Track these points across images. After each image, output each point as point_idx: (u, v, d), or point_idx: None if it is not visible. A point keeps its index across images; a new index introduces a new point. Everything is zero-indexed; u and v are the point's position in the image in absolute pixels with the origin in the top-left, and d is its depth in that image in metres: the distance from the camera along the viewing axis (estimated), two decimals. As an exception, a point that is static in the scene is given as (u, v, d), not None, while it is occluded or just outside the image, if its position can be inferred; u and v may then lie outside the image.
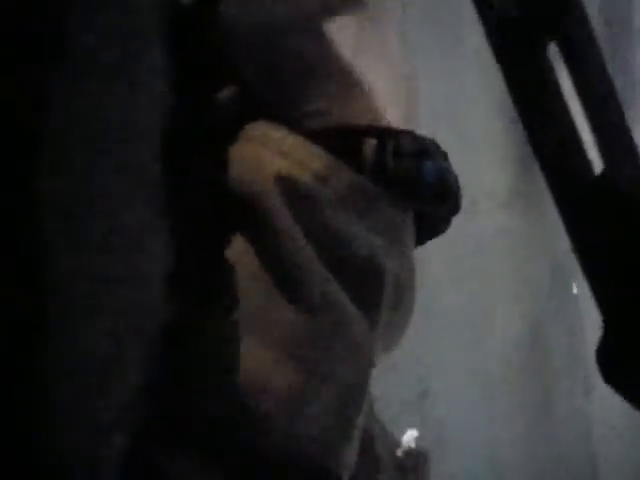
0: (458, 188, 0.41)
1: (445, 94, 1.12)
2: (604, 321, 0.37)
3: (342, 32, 0.40)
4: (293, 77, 0.39)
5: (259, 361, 0.37)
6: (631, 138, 0.38)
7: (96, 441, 0.34)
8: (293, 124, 0.39)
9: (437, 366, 1.20)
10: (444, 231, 0.42)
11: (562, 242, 1.42)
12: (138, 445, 0.34)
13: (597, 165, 0.39)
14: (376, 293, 0.39)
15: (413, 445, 0.47)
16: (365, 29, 0.41)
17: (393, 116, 0.40)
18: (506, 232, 1.31)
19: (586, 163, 0.38)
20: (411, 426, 1.09)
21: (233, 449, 0.36)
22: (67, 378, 0.33)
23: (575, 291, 1.48)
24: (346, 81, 0.39)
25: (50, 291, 0.33)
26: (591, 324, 1.51)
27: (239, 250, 0.38)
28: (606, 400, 1.55)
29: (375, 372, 0.39)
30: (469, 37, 1.13)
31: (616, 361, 0.37)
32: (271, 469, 0.36)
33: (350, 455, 0.38)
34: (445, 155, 0.41)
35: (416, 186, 0.39)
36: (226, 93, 0.41)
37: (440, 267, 1.16)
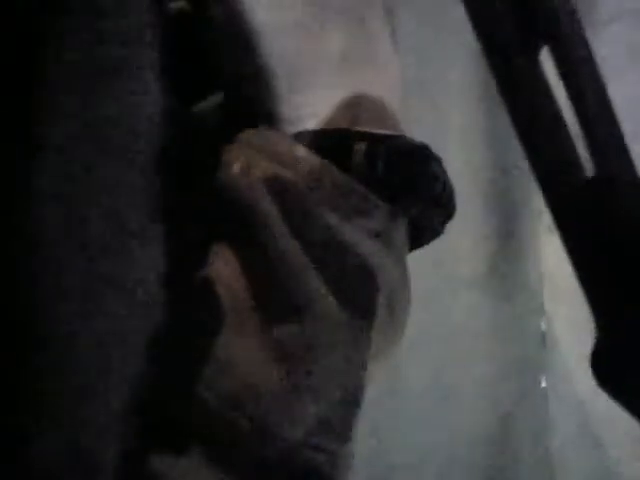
0: (452, 192, 0.41)
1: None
2: (598, 326, 0.36)
3: (332, 35, 0.40)
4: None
5: (252, 363, 0.36)
6: (624, 141, 0.38)
7: (94, 442, 0.33)
8: (283, 127, 0.39)
9: (401, 450, 1.17)
10: (438, 236, 0.42)
11: (531, 332, 1.42)
12: (135, 446, 0.34)
13: (589, 168, 0.38)
14: (368, 297, 0.38)
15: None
16: (355, 32, 0.41)
17: (385, 119, 0.40)
18: (481, 317, 1.31)
19: (578, 166, 0.38)
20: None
21: (228, 451, 0.35)
22: (64, 379, 0.32)
23: (543, 384, 1.47)
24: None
25: (48, 292, 0.32)
26: (558, 418, 1.49)
27: (231, 254, 0.38)
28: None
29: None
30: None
31: (610, 366, 0.36)
32: (266, 471, 0.36)
33: (346, 458, 0.37)
34: (438, 160, 0.41)
35: (407, 190, 0.39)
36: (218, 96, 0.41)
37: (413, 345, 1.14)
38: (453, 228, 0.42)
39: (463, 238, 1.24)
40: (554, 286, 1.33)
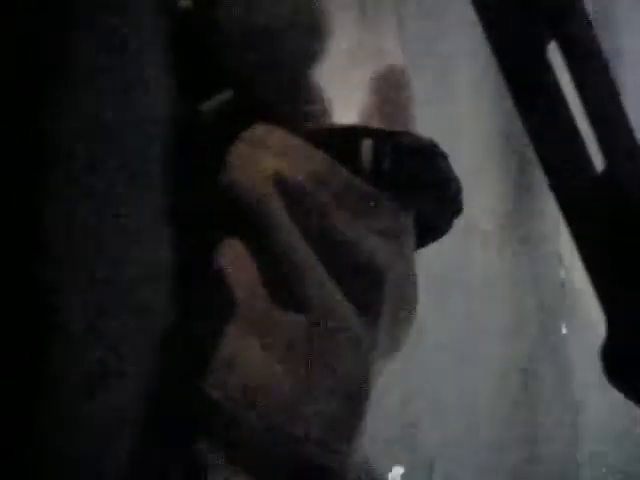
0: (459, 189, 0.40)
1: (436, 123, 1.12)
2: (608, 321, 0.37)
3: (340, 33, 0.40)
4: (291, 78, 0.39)
5: (260, 362, 0.36)
6: (633, 136, 0.38)
7: (100, 442, 0.33)
8: (291, 125, 0.39)
9: (425, 401, 1.19)
10: (446, 233, 0.42)
11: (552, 282, 1.42)
12: (139, 446, 0.34)
13: (598, 164, 0.39)
14: (376, 294, 0.38)
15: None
16: (363, 30, 0.41)
17: (390, 116, 0.40)
18: (498, 269, 1.31)
19: (587, 162, 0.38)
20: (397, 462, 1.07)
21: (234, 449, 0.36)
22: (69, 379, 0.33)
23: (564, 331, 1.48)
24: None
25: (52, 291, 0.33)
26: (579, 364, 1.50)
27: (238, 251, 0.38)
28: (594, 439, 1.53)
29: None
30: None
31: (620, 362, 0.37)
32: (273, 469, 0.36)
33: (353, 455, 0.38)
34: (445, 156, 0.40)
35: (414, 187, 0.39)
36: (225, 94, 0.41)
37: (431, 301, 1.15)
38: (470, 183, 0.42)
39: (480, 193, 1.24)
40: (572, 236, 1.33)
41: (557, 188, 0.39)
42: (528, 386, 1.38)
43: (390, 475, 1.11)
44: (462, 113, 1.22)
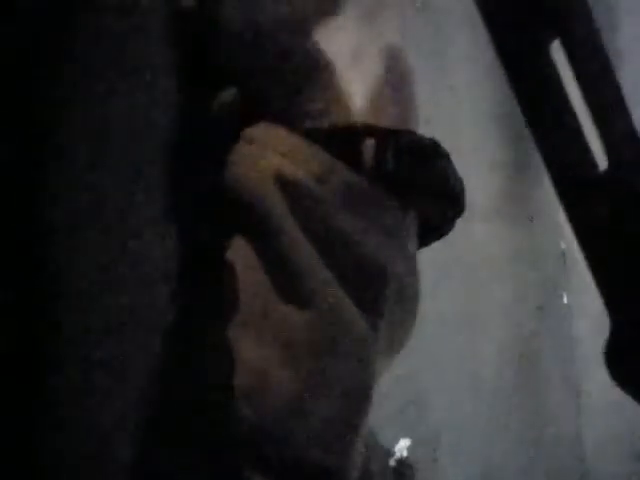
0: (461, 189, 0.40)
1: (434, 98, 1.12)
2: (611, 319, 0.37)
3: (342, 31, 0.40)
4: (293, 77, 0.39)
5: (261, 362, 0.36)
6: (635, 135, 0.38)
7: (99, 442, 0.33)
8: (293, 124, 0.39)
9: (430, 374, 1.20)
10: (448, 232, 0.42)
11: (552, 253, 1.43)
12: (139, 446, 0.34)
13: (601, 163, 0.39)
14: (378, 294, 0.38)
15: (405, 454, 0.47)
16: (364, 28, 0.41)
17: (393, 116, 0.40)
18: (497, 242, 1.32)
19: (590, 160, 0.38)
20: (404, 434, 1.08)
21: (235, 450, 0.36)
22: (68, 378, 0.33)
23: (565, 301, 1.49)
24: (347, 81, 0.39)
25: (51, 291, 0.33)
26: (581, 333, 1.51)
27: (240, 250, 0.38)
28: (596, 409, 1.55)
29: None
30: (460, 37, 1.13)
31: (624, 359, 0.37)
32: (273, 470, 0.36)
33: (355, 456, 0.38)
34: (447, 155, 0.40)
35: (416, 186, 0.39)
36: (226, 93, 0.41)
37: (433, 276, 1.15)
38: (467, 158, 0.42)
39: (478, 166, 1.24)
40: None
41: (560, 186, 0.39)
42: (530, 356, 1.39)
43: (397, 447, 1.13)
44: (459, 91, 1.22)
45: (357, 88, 0.39)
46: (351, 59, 0.40)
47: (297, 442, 0.36)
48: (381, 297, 0.38)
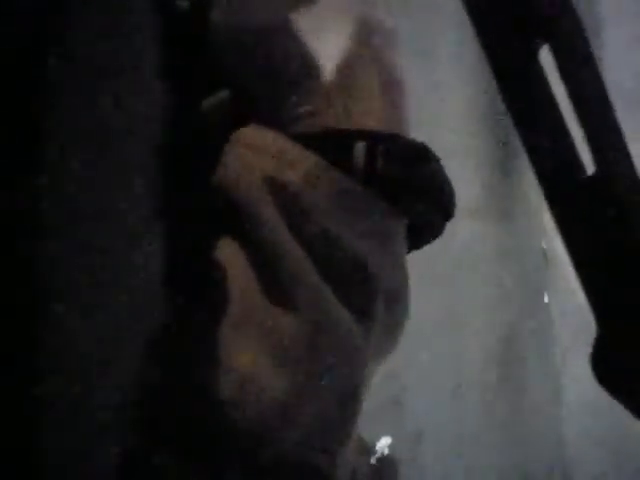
0: (451, 192, 0.41)
1: (419, 97, 1.12)
2: (598, 324, 0.37)
3: (333, 34, 0.40)
4: (284, 80, 0.39)
5: (253, 363, 0.36)
6: (623, 139, 0.38)
7: (93, 440, 0.33)
8: (283, 127, 0.39)
9: (412, 372, 1.20)
10: (438, 236, 0.42)
11: (533, 252, 1.43)
12: (134, 445, 0.34)
13: (589, 166, 0.39)
14: (368, 296, 0.38)
15: (387, 452, 0.47)
16: (356, 30, 0.41)
17: (384, 119, 0.40)
18: (479, 242, 1.32)
19: (578, 164, 0.38)
20: (385, 433, 1.09)
21: (229, 450, 0.36)
22: (64, 376, 0.33)
23: (546, 300, 1.50)
24: (337, 84, 0.39)
25: (48, 290, 0.33)
26: (563, 332, 1.52)
27: (231, 252, 0.38)
28: (577, 406, 1.55)
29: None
30: (446, 36, 1.13)
31: (610, 364, 0.37)
32: (266, 471, 0.36)
33: (344, 456, 0.38)
34: (437, 159, 0.41)
35: (406, 190, 0.39)
36: (218, 96, 0.41)
37: (415, 274, 1.16)
38: (451, 155, 0.42)
39: (462, 166, 1.25)
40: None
41: (548, 190, 0.39)
42: (512, 355, 1.40)
43: (378, 445, 1.13)
44: (445, 90, 1.22)
45: (347, 91, 0.39)
46: (341, 62, 0.40)
47: (288, 443, 0.36)
48: (371, 301, 0.38)
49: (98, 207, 0.34)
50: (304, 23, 0.40)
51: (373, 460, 0.45)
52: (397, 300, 0.40)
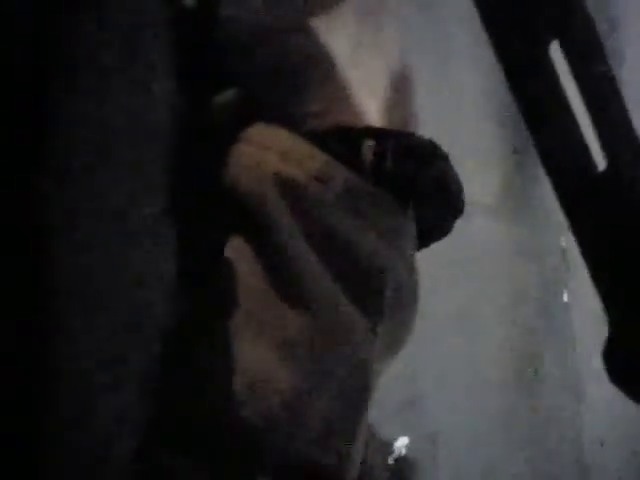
0: (460, 190, 0.41)
1: (434, 96, 1.12)
2: (610, 321, 0.37)
3: (341, 31, 0.40)
4: (292, 78, 0.39)
5: (261, 362, 0.36)
6: (634, 136, 0.38)
7: (100, 441, 0.33)
8: (292, 125, 0.39)
9: (429, 372, 1.20)
10: (447, 234, 0.42)
11: (553, 250, 1.43)
12: (141, 445, 0.34)
13: (600, 162, 0.39)
14: (376, 294, 0.38)
15: (404, 452, 0.47)
16: (364, 27, 0.41)
17: (392, 117, 0.40)
18: (497, 240, 1.32)
19: (589, 161, 0.38)
20: (403, 432, 1.09)
21: (236, 449, 0.36)
22: (69, 377, 0.33)
23: (565, 299, 1.49)
24: (345, 81, 0.39)
25: (52, 291, 0.33)
26: (582, 332, 1.51)
27: (239, 251, 0.38)
28: (597, 407, 1.55)
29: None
30: (460, 35, 1.13)
31: (623, 362, 0.37)
32: (273, 469, 0.36)
33: (355, 455, 0.38)
34: (446, 157, 0.41)
35: (416, 188, 0.39)
36: (226, 94, 0.41)
37: (432, 274, 1.15)
38: (469, 154, 0.42)
39: (478, 164, 1.24)
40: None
41: (558, 186, 0.39)
42: (530, 355, 1.39)
43: (395, 445, 1.13)
44: (460, 89, 1.22)
45: (357, 89, 0.39)
46: (351, 59, 0.40)
47: (296, 442, 0.36)
48: (380, 298, 0.38)
49: (100, 207, 0.34)
50: (313, 20, 0.39)
51: (391, 460, 0.45)
52: (406, 297, 0.40)
